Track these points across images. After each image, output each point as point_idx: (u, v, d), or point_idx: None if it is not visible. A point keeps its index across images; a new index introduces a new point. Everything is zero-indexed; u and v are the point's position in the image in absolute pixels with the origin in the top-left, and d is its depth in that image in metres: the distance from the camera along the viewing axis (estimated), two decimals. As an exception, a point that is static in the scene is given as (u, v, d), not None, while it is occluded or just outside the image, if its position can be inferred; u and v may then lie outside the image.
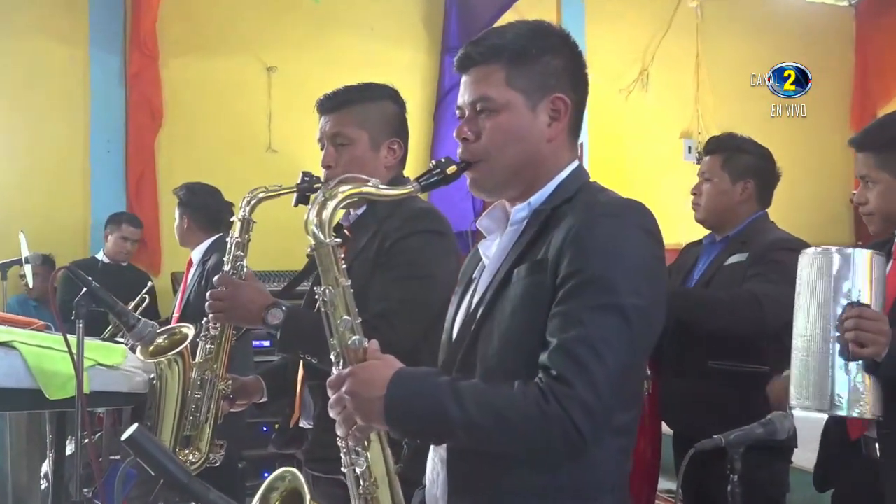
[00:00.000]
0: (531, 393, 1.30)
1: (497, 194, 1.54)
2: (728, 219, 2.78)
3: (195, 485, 1.30)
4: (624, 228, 1.38)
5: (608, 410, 1.31)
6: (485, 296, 1.47)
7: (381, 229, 2.06)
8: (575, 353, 1.29)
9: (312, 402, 2.15)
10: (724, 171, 2.77)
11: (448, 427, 1.32)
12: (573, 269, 1.34)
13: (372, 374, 1.37)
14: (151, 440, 1.31)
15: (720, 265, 2.71)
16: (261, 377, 2.33)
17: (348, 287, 1.42)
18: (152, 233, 5.37)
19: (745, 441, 1.92)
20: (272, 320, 1.99)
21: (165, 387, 2.25)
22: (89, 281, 2.06)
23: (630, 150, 6.42)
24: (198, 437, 2.23)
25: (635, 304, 1.33)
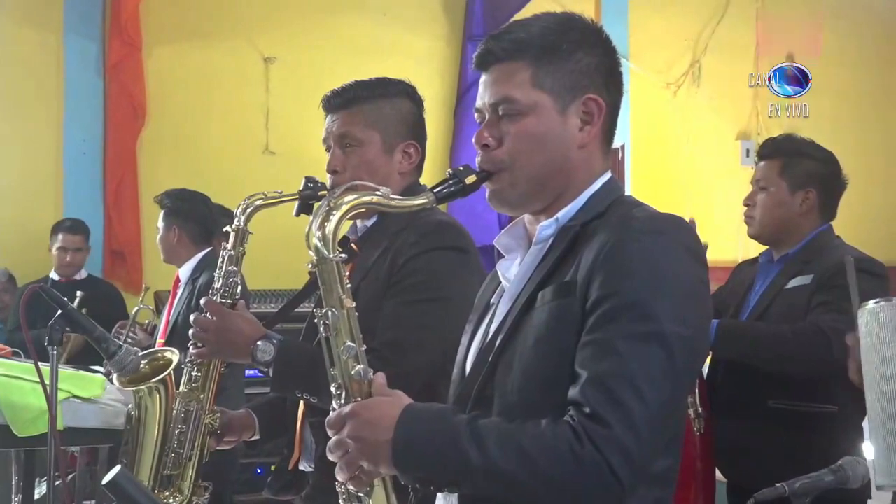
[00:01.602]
0: (562, 433, 1.29)
1: (520, 208, 1.55)
2: (787, 234, 2.77)
3: (182, 534, 1.32)
4: (664, 247, 1.38)
5: (649, 455, 1.32)
6: (504, 322, 1.47)
7: (394, 245, 2.06)
8: (611, 389, 1.29)
9: (314, 442, 2.15)
10: (783, 178, 2.76)
11: (466, 472, 1.32)
12: (606, 292, 1.34)
13: (377, 414, 1.37)
14: (136, 484, 1.32)
15: (780, 289, 2.70)
16: (253, 412, 2.33)
17: (353, 309, 1.43)
18: (133, 246, 5.40)
19: (812, 490, 1.90)
20: (262, 357, 2.00)
21: (145, 418, 2.23)
22: (65, 302, 2.08)
23: (679, 154, 6.40)
24: (180, 477, 2.22)
25: (679, 333, 1.33)
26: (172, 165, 5.44)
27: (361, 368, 1.41)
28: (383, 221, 2.14)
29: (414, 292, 2.02)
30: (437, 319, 2.00)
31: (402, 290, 2.02)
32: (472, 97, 1.72)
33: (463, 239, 2.12)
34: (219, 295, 2.19)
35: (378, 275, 2.05)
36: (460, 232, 2.13)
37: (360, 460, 1.36)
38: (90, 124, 5.49)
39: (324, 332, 1.43)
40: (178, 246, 4.04)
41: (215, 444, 2.27)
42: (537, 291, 1.43)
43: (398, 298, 2.02)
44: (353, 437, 1.36)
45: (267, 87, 5.71)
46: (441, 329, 1.98)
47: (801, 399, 2.58)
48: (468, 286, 2.02)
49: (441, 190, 1.50)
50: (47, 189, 5.46)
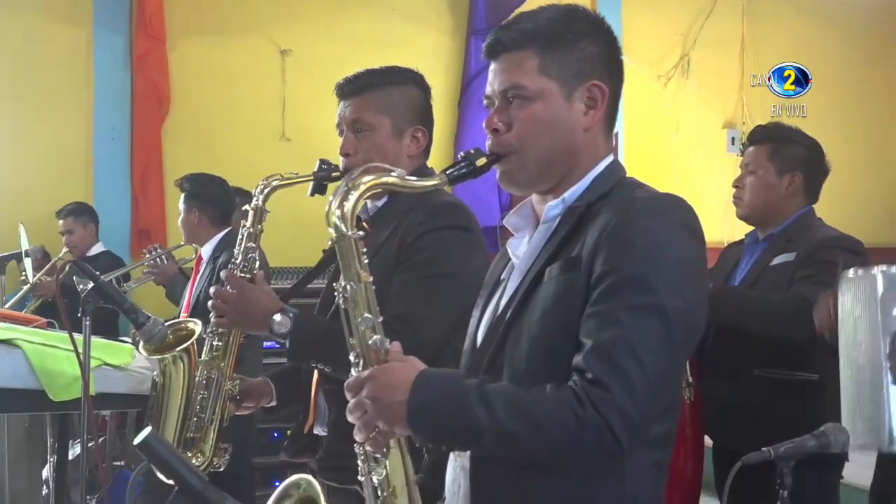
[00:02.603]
0: (565, 397, 1.30)
1: (529, 188, 1.55)
2: (773, 215, 2.77)
3: (210, 492, 1.32)
4: (664, 225, 1.38)
5: (647, 419, 1.32)
6: (514, 296, 1.47)
7: (403, 224, 2.06)
8: (612, 356, 1.29)
9: (328, 408, 2.15)
10: (771, 162, 2.76)
11: (475, 433, 1.32)
12: (609, 267, 1.35)
13: (394, 377, 1.37)
14: (165, 444, 1.33)
15: (765, 266, 2.70)
16: (270, 379, 2.34)
17: (370, 283, 1.43)
18: (158, 225, 5.42)
19: (796, 454, 1.90)
20: (279, 329, 1.99)
21: (169, 385, 2.25)
22: (97, 275, 2.08)
23: (669, 142, 6.39)
24: (202, 440, 2.24)
25: (676, 306, 1.33)
26: (194, 151, 5.44)
27: (378, 338, 1.41)
28: (393, 202, 2.13)
29: (422, 269, 2.01)
30: (443, 294, 2.00)
31: (410, 267, 2.02)
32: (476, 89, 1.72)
33: (468, 219, 2.11)
34: (238, 269, 2.18)
35: (388, 252, 2.04)
36: (465, 212, 2.12)
37: (376, 421, 1.37)
38: (118, 113, 5.49)
39: (343, 304, 1.43)
40: (198, 227, 4.02)
41: (235, 410, 2.28)
42: (545, 267, 1.43)
43: (407, 275, 2.01)
44: (370, 398, 1.36)
45: (283, 78, 5.70)
46: (447, 303, 1.99)
47: (784, 368, 2.57)
48: (472, 263, 2.02)
49: (453, 172, 1.50)
50: (78, 173, 5.47)
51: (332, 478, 2.09)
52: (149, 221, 5.41)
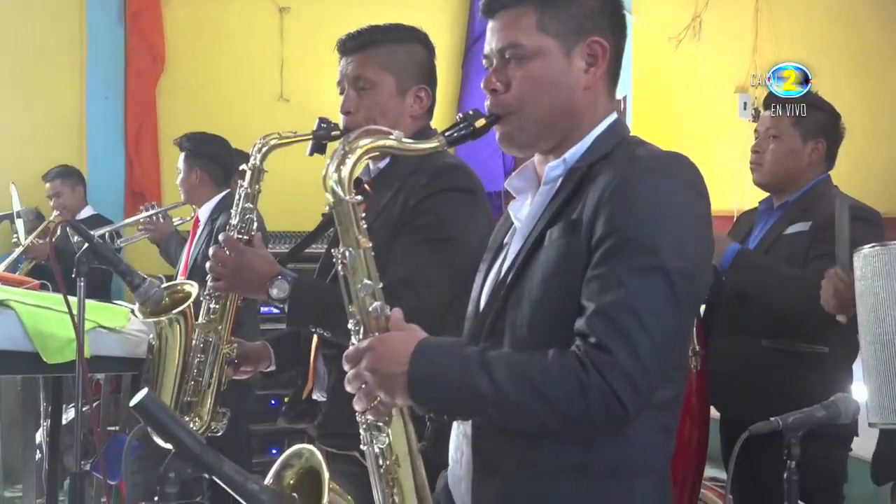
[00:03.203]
0: (568, 362, 1.30)
1: (529, 149, 1.55)
2: (792, 182, 2.76)
3: (208, 455, 1.33)
4: (667, 184, 1.38)
5: (652, 382, 1.32)
6: (515, 260, 1.48)
7: (405, 186, 2.06)
8: (616, 320, 1.30)
9: (327, 373, 2.16)
10: (796, 129, 2.74)
11: (478, 402, 1.33)
12: (611, 228, 1.35)
13: (393, 348, 1.38)
14: (162, 407, 1.33)
15: (779, 234, 2.70)
16: (269, 344, 2.35)
17: (369, 249, 1.43)
18: (152, 187, 5.40)
19: (804, 424, 1.91)
20: (277, 293, 2.00)
21: (166, 348, 2.26)
22: (91, 236, 2.08)
23: (679, 106, 6.35)
24: (199, 404, 2.25)
25: (680, 268, 1.33)
26: (190, 111, 5.41)
27: (378, 305, 1.42)
28: (395, 164, 2.13)
29: (424, 232, 2.02)
30: (446, 258, 2.00)
31: (412, 230, 2.02)
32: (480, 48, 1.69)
33: (471, 181, 2.11)
34: (235, 231, 2.19)
35: (390, 215, 2.05)
36: (468, 174, 2.12)
37: (376, 392, 1.38)
38: (111, 71, 5.45)
39: (342, 270, 1.44)
40: (199, 187, 4.02)
41: (232, 374, 2.30)
42: (546, 230, 1.44)
43: (409, 238, 2.02)
44: (370, 369, 1.37)
45: (281, 37, 5.66)
46: (450, 267, 1.99)
47: (793, 339, 2.58)
48: (476, 226, 2.03)
49: (452, 133, 1.50)
50: (71, 133, 5.44)
51: (332, 444, 2.11)
52: (143, 183, 5.39)
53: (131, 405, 1.32)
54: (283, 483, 1.45)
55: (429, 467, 1.51)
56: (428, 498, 1.48)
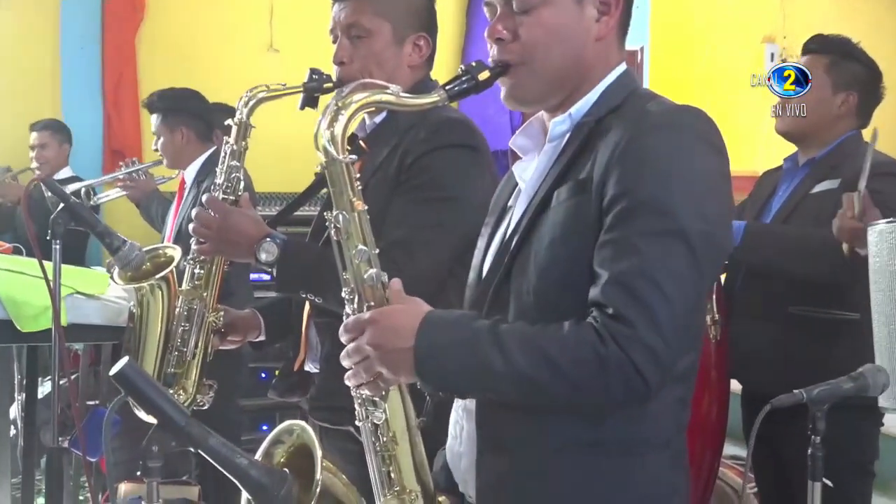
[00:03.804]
0: (586, 335, 1.30)
1: (535, 105, 1.54)
2: (820, 134, 2.74)
3: (193, 428, 1.34)
4: (682, 140, 1.37)
5: (674, 354, 1.32)
6: (520, 223, 1.47)
7: (403, 142, 2.05)
8: (633, 288, 1.30)
9: (320, 343, 2.17)
10: (828, 76, 2.73)
11: (490, 380, 1.34)
12: (623, 189, 1.34)
13: (397, 321, 1.38)
14: (144, 376, 1.34)
15: (805, 193, 2.69)
16: (258, 312, 2.36)
17: (364, 212, 1.43)
18: (133, 144, 5.38)
19: (830, 397, 1.91)
20: (266, 256, 2.00)
21: (147, 317, 2.27)
22: (67, 195, 2.08)
23: (700, 58, 6.31)
24: (183, 376, 2.27)
25: (700, 230, 1.33)
26: (172, 63, 5.38)
27: (374, 272, 1.42)
28: (392, 118, 2.13)
29: (423, 191, 2.02)
30: (445, 219, 2.01)
31: (410, 189, 2.02)
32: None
33: (474, 136, 2.11)
34: (221, 191, 2.19)
35: (387, 173, 2.05)
36: (471, 129, 2.12)
37: (379, 367, 1.38)
38: (88, 18, 5.42)
39: (334, 235, 1.44)
40: (186, 147, 3.98)
41: (219, 343, 2.31)
42: (552, 190, 1.43)
43: (407, 197, 2.02)
44: (372, 344, 1.37)
45: (270, -19, 5.62)
46: (450, 229, 2.00)
47: (821, 305, 2.58)
48: (478, 185, 2.02)
49: (453, 87, 1.49)
50: (44, 86, 5.42)
51: (325, 418, 2.12)
52: (123, 141, 5.38)
53: (111, 374, 1.32)
54: (274, 460, 1.47)
55: (428, 443, 1.52)
56: (427, 477, 1.50)
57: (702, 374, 2.49)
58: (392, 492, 1.48)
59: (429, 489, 1.50)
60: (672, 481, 1.46)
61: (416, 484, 1.48)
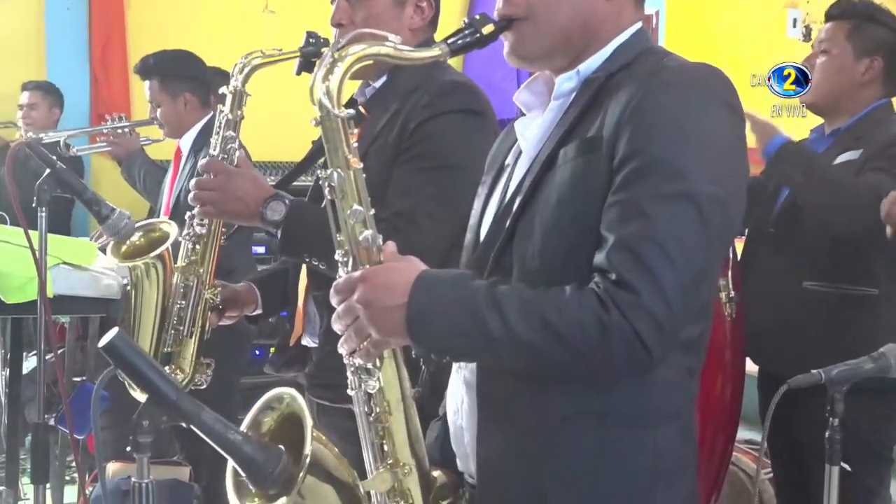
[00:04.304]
0: (587, 301, 1.31)
1: (540, 63, 1.54)
2: (844, 103, 2.73)
3: (186, 402, 1.34)
4: (697, 99, 1.37)
5: (679, 323, 1.33)
6: (523, 183, 1.47)
7: (404, 107, 2.06)
8: (639, 253, 1.30)
9: (318, 316, 2.18)
10: (849, 42, 2.72)
11: (485, 342, 1.34)
12: (633, 148, 1.34)
13: (391, 278, 1.38)
14: (134, 348, 1.34)
15: None
16: (254, 285, 2.37)
17: (360, 170, 1.43)
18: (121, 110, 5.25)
19: (850, 378, 1.92)
20: (272, 215, 2.00)
21: (142, 295, 2.27)
22: (53, 160, 2.08)
23: (719, 22, 6.28)
24: (180, 355, 2.28)
25: (711, 194, 1.33)
26: (163, 24, 5.39)
27: (369, 234, 1.41)
28: (393, 82, 2.13)
29: (426, 159, 2.02)
30: (450, 188, 2.00)
31: (413, 157, 2.03)
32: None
33: (479, 101, 2.11)
34: None
35: (387, 140, 2.05)
36: (476, 93, 2.12)
37: (369, 328, 1.37)
38: (74, -23, 5.41)
39: (329, 194, 1.43)
40: (188, 115, 3.93)
41: (217, 320, 2.32)
42: (559, 149, 1.43)
43: (409, 166, 2.02)
44: (363, 302, 1.36)
45: (266, -61, 5.61)
46: (456, 198, 1.99)
47: (839, 280, 2.58)
48: (484, 152, 2.01)
49: (455, 41, 1.48)
50: (28, 49, 5.42)
51: (324, 395, 2.13)
52: (111, 105, 5.36)
53: (100, 346, 1.33)
54: (261, 430, 1.48)
55: (423, 416, 1.52)
56: (422, 450, 1.50)
57: (716, 354, 2.51)
58: (385, 465, 1.47)
59: (423, 463, 1.50)
60: (683, 455, 1.47)
61: (410, 457, 1.48)
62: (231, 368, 3.69)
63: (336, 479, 1.47)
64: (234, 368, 3.80)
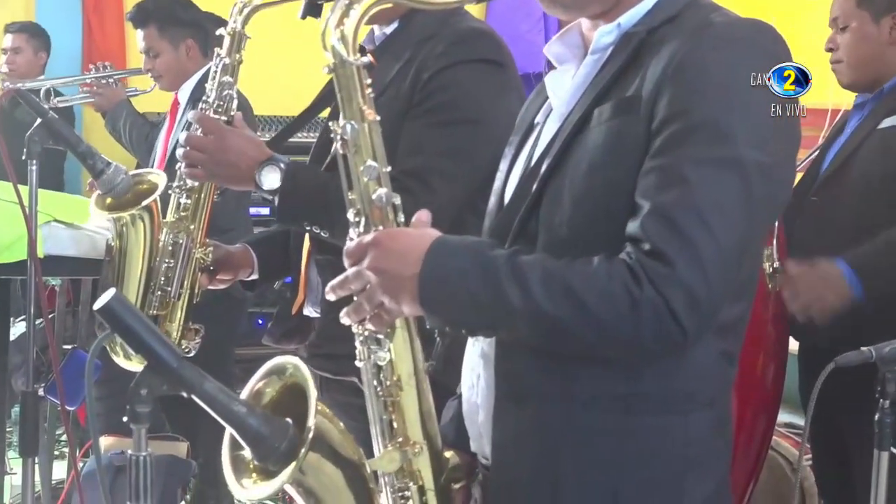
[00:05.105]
0: (617, 272, 1.31)
1: (576, 10, 1.53)
2: (881, 70, 2.73)
3: (186, 370, 1.36)
4: (747, 58, 1.37)
5: (717, 299, 1.33)
6: (552, 144, 1.47)
7: (418, 56, 2.05)
8: (676, 222, 1.30)
9: (321, 283, 2.18)
10: (862, 9, 2.71)
11: (505, 315, 1.35)
12: (676, 109, 1.34)
13: (404, 244, 1.38)
14: (133, 311, 1.36)
15: (871, 129, 2.68)
16: (251, 247, 2.37)
17: (376, 123, 1.43)
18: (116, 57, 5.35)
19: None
20: (267, 181, 2.01)
21: (126, 251, 2.28)
22: (45, 110, 2.08)
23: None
24: (167, 318, 2.29)
25: (758, 161, 1.33)
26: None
27: (384, 192, 1.41)
28: (406, 28, 2.12)
29: (440, 113, 2.02)
30: (466, 145, 2.01)
31: (426, 111, 2.02)
32: None
33: (500, 50, 2.10)
34: (212, 109, 2.19)
35: (398, 91, 2.04)
36: (497, 42, 2.11)
37: (380, 296, 1.38)
38: None
39: (341, 148, 1.42)
40: (188, 63, 3.95)
41: (207, 282, 2.32)
42: (593, 108, 1.43)
43: (422, 120, 2.02)
44: (374, 268, 1.37)
45: None
46: (472, 156, 2.00)
47: None
48: (504, 106, 2.01)
49: None
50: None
51: (326, 367, 2.14)
52: (105, 52, 5.35)
53: (96, 308, 1.34)
54: (262, 401, 1.49)
55: (437, 392, 1.52)
56: (435, 428, 1.50)
57: (757, 330, 2.49)
58: (394, 443, 1.47)
59: (435, 442, 1.50)
60: (715, 446, 1.47)
61: (421, 436, 1.48)
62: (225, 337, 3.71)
63: (341, 457, 1.48)
64: (229, 337, 3.82)
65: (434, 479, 1.49)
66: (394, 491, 1.49)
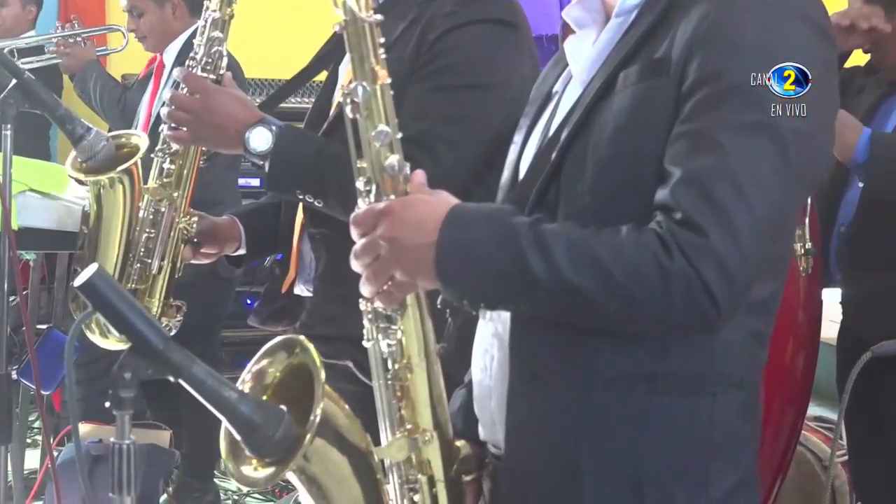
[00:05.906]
0: (647, 242, 1.31)
1: None
2: None
3: (174, 352, 1.35)
4: (782, 18, 1.37)
5: (751, 273, 1.33)
6: (573, 111, 1.48)
7: (424, 15, 2.05)
8: (709, 190, 1.30)
9: (314, 259, 2.19)
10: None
11: (527, 287, 1.34)
12: (708, 72, 1.34)
13: (419, 212, 1.38)
14: (116, 288, 1.35)
15: None
16: (238, 219, 2.36)
17: (388, 86, 1.42)
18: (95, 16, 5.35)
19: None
20: (256, 145, 2.00)
21: (104, 219, 2.27)
22: (21, 70, 2.08)
23: None
24: (147, 293, 2.29)
25: (795, 127, 1.34)
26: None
27: (397, 159, 1.40)
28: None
29: (447, 77, 2.02)
30: (474, 111, 2.01)
31: (432, 74, 2.03)
32: None
33: (512, 10, 2.10)
34: (199, 67, 2.18)
35: (403, 53, 2.03)
36: (508, 1, 2.11)
37: (393, 268, 1.37)
38: None
39: (351, 112, 1.42)
40: (175, 22, 3.94)
41: (191, 255, 2.31)
42: (618, 72, 1.43)
43: (427, 83, 2.02)
44: (387, 238, 1.36)
45: None
46: (480, 123, 2.01)
47: None
48: (515, 69, 2.03)
49: None
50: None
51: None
52: (83, 7, 5.34)
53: (76, 285, 1.34)
54: (265, 381, 1.49)
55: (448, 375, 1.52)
56: (446, 415, 1.50)
57: (787, 315, 2.49)
58: (402, 430, 1.46)
59: (446, 430, 1.49)
60: (742, 430, 1.48)
61: (431, 423, 1.47)
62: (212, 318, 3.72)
63: (347, 444, 1.47)
64: (216, 318, 3.82)
65: (444, 470, 1.49)
66: (402, 482, 1.49)
